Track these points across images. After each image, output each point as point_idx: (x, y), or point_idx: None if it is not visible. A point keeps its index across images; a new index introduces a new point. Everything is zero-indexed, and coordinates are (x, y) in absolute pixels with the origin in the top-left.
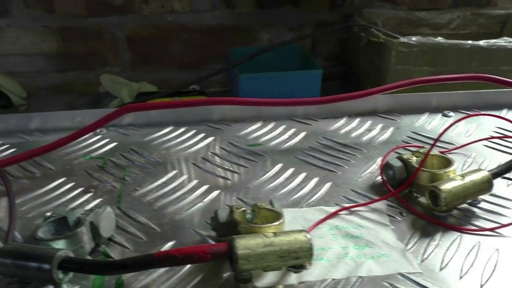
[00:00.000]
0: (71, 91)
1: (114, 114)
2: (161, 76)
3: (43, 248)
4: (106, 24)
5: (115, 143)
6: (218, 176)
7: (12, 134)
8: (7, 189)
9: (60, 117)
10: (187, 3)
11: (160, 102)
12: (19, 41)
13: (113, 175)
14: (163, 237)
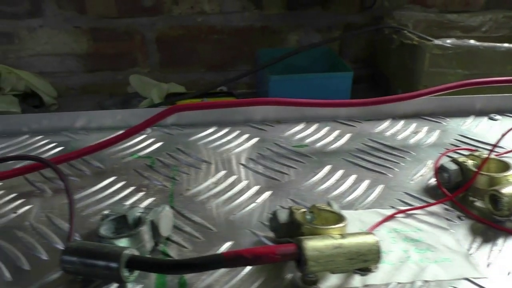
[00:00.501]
0: (100, 91)
1: (163, 113)
2: (188, 77)
3: (109, 246)
4: (136, 25)
5: (161, 142)
6: (268, 177)
7: (58, 133)
8: (66, 187)
9: (104, 116)
10: (216, 5)
11: (208, 103)
12: (51, 41)
13: (163, 174)
14: (220, 237)
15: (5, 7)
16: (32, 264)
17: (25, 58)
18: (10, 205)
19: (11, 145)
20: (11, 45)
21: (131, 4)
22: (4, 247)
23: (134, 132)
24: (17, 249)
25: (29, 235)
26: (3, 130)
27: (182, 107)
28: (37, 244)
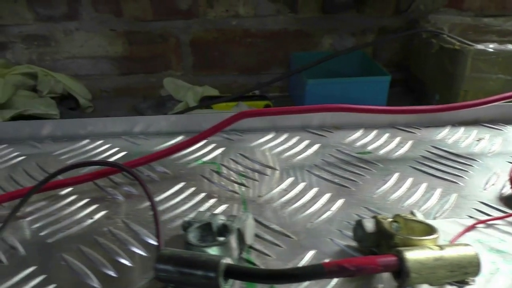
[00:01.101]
0: (133, 94)
1: (232, 119)
2: (221, 80)
3: (204, 255)
4: (171, 28)
5: (223, 148)
6: (337, 184)
7: (117, 137)
8: (147, 193)
9: (162, 121)
10: (251, 8)
11: (278, 109)
12: (87, 44)
13: (231, 181)
14: (301, 246)
15: (42, 10)
16: (119, 271)
17: (60, 60)
18: (85, 210)
19: (73, 149)
20: (47, 47)
21: (166, 7)
22: (88, 253)
23: (203, 137)
24: (100, 256)
25: (109, 241)
26: (63, 134)
27: (252, 112)
28: (119, 250)
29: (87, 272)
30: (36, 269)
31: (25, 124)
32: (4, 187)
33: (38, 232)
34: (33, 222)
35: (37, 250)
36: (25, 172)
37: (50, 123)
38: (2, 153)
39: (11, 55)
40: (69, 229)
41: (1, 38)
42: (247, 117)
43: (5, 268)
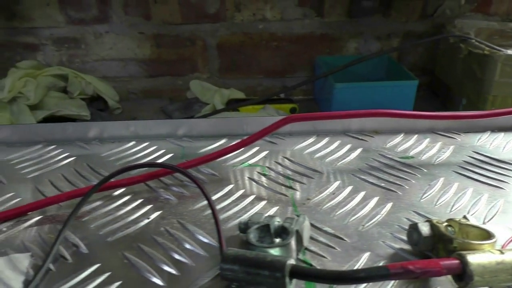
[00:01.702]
0: (160, 96)
1: (280, 123)
2: (246, 83)
3: (269, 255)
4: (198, 31)
5: (266, 151)
6: (384, 188)
7: (162, 139)
8: (206, 195)
9: (205, 124)
10: (278, 12)
11: (325, 113)
12: (116, 46)
13: (278, 183)
14: (356, 248)
15: (73, 13)
16: (180, 269)
17: (90, 62)
18: (140, 210)
19: (120, 151)
20: (77, 50)
21: (195, 11)
22: (148, 252)
23: (252, 140)
24: (160, 254)
25: (168, 241)
26: (109, 136)
27: (298, 117)
28: (178, 249)
29: (150, 270)
30: (100, 266)
31: (72, 126)
32: (58, 186)
33: (97, 231)
34: (91, 221)
35: (98, 248)
36: (77, 172)
37: (97, 125)
38: (52, 154)
39: (42, 56)
40: (128, 229)
41: (33, 40)
42: (295, 121)
43: (70, 265)
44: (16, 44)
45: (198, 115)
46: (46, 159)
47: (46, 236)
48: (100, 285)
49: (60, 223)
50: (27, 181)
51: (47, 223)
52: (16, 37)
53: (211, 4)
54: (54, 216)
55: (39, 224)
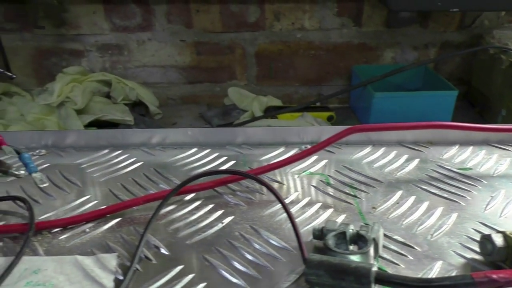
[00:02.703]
0: (198, 102)
1: (344, 133)
2: (283, 91)
3: (353, 261)
4: (238, 39)
5: (325, 160)
6: (446, 199)
7: (222, 147)
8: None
9: (263, 132)
10: (316, 21)
11: (390, 124)
12: (157, 53)
13: (343, 192)
14: (428, 257)
15: (118, 20)
16: (261, 273)
17: (131, 69)
18: (212, 215)
19: (184, 157)
20: (120, 56)
21: (235, 19)
22: (228, 256)
23: (317, 150)
24: (239, 258)
25: (244, 245)
26: (171, 143)
27: (363, 128)
28: (255, 253)
29: (232, 273)
30: (184, 268)
31: (136, 132)
32: (131, 190)
33: (175, 233)
34: (168, 224)
35: (179, 251)
36: (146, 176)
37: (160, 131)
38: (120, 158)
39: (86, 62)
40: (204, 232)
41: (79, 46)
42: (360, 131)
43: (155, 266)
44: (63, 50)
45: (237, 122)
46: (115, 163)
47: (128, 237)
48: (186, 286)
49: (139, 225)
50: (101, 184)
51: (126, 225)
52: (63, 44)
53: (252, 13)
54: (132, 218)
55: (119, 226)
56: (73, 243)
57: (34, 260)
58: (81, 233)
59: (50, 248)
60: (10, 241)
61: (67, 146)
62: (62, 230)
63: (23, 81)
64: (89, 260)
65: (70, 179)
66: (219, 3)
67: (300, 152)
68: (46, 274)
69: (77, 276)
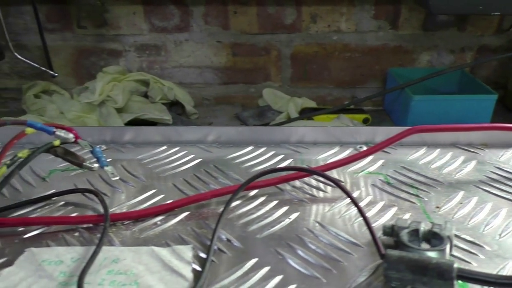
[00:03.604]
0: (232, 102)
1: (405, 133)
2: (316, 92)
3: (433, 258)
4: (274, 41)
5: (382, 159)
6: (509, 200)
7: (278, 145)
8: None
9: (318, 131)
10: (353, 24)
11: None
12: (194, 54)
13: (404, 191)
14: (499, 256)
15: (157, 21)
16: (335, 267)
17: (168, 69)
18: (278, 211)
19: (241, 155)
20: (158, 56)
21: (272, 21)
22: (300, 250)
23: (377, 149)
24: (311, 252)
25: (314, 240)
26: (227, 140)
27: (424, 128)
28: (325, 248)
29: (306, 267)
30: (258, 261)
31: (192, 130)
32: (194, 185)
33: (245, 228)
34: (236, 218)
35: (251, 244)
36: (207, 172)
37: (216, 130)
38: (179, 155)
39: (123, 62)
40: (273, 227)
41: (117, 46)
42: (420, 132)
43: (229, 258)
44: (102, 50)
45: (273, 123)
46: (175, 159)
47: (199, 230)
48: (263, 279)
49: (207, 218)
50: (164, 179)
51: (195, 218)
52: (103, 44)
53: (288, 15)
54: (200, 212)
55: (188, 219)
56: (146, 235)
57: (112, 250)
58: (153, 226)
59: (125, 239)
60: (85, 231)
61: (126, 142)
62: (134, 222)
63: (62, 80)
64: (165, 251)
65: (134, 174)
66: (257, 5)
67: (362, 151)
68: (125, 264)
69: (155, 266)
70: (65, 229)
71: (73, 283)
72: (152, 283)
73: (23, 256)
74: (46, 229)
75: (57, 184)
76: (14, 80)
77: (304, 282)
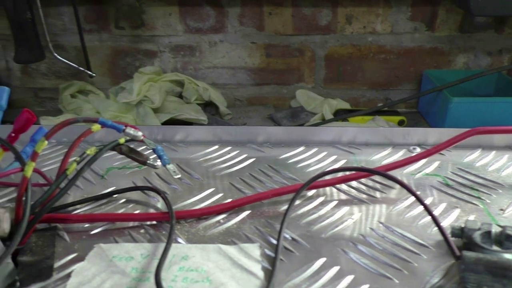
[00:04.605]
0: (264, 103)
1: (465, 135)
2: (349, 94)
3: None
4: (309, 42)
5: (437, 161)
6: None
7: (329, 145)
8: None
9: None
10: (388, 25)
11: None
12: (228, 55)
13: (464, 193)
14: None
15: (192, 22)
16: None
17: (201, 70)
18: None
19: (294, 155)
20: (192, 57)
21: (307, 22)
22: (367, 250)
23: (437, 151)
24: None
25: (380, 241)
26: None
27: (484, 130)
28: (394, 250)
29: (375, 267)
30: (327, 260)
31: (244, 130)
32: (251, 184)
33: (308, 227)
34: (298, 218)
35: (317, 243)
36: (262, 172)
37: (266, 129)
38: (232, 154)
39: (158, 63)
40: (337, 227)
41: (152, 47)
42: (478, 134)
43: (298, 258)
44: (138, 50)
45: (308, 124)
46: (229, 158)
47: (263, 229)
48: (334, 278)
49: (269, 217)
50: (221, 178)
51: (257, 217)
52: (138, 44)
53: (324, 16)
54: (261, 211)
55: (250, 218)
56: (211, 233)
57: (179, 247)
58: (216, 224)
59: (191, 236)
60: (151, 228)
61: (177, 141)
62: (197, 220)
63: (97, 80)
64: (233, 249)
65: (190, 173)
66: (292, 6)
67: (423, 151)
68: (195, 261)
69: (225, 264)
70: (130, 226)
71: (146, 279)
72: (223, 280)
73: (93, 252)
74: (111, 226)
75: (115, 181)
76: (51, 80)
77: (377, 282)
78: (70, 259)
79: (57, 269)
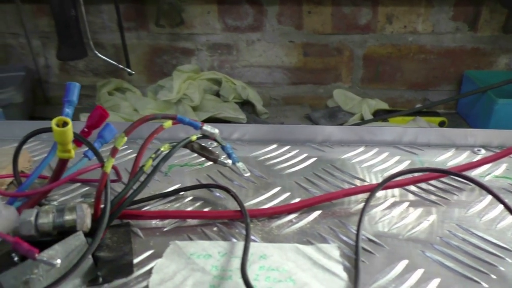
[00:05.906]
0: (300, 103)
1: None
2: (387, 94)
3: None
4: (347, 41)
5: (505, 163)
6: None
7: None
8: (499, 198)
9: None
10: (430, 25)
11: None
12: (265, 54)
13: None
14: None
15: (231, 21)
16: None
17: (238, 68)
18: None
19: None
20: (229, 56)
21: (346, 21)
22: (448, 253)
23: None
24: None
25: (460, 244)
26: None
27: None
28: (477, 253)
29: (461, 271)
30: (410, 263)
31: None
32: (316, 183)
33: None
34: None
35: (396, 245)
36: (325, 171)
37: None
38: (292, 153)
39: (195, 61)
40: (413, 228)
41: (190, 45)
42: None
43: (379, 259)
44: (175, 48)
45: (347, 124)
46: (290, 157)
47: (337, 229)
48: (420, 281)
49: (341, 217)
50: (285, 177)
51: (329, 217)
52: (176, 42)
53: (363, 16)
54: (332, 211)
55: (322, 217)
56: (285, 232)
57: (256, 246)
58: (289, 223)
59: (265, 235)
60: (223, 226)
61: (235, 139)
62: (269, 219)
63: (134, 77)
64: (310, 249)
65: (252, 171)
66: (332, 5)
67: (497, 153)
68: (274, 260)
69: (305, 264)
70: (201, 223)
71: (229, 277)
72: (306, 280)
73: (169, 249)
74: (182, 223)
75: (179, 179)
76: (88, 77)
77: (465, 286)
78: (148, 256)
79: (136, 266)
